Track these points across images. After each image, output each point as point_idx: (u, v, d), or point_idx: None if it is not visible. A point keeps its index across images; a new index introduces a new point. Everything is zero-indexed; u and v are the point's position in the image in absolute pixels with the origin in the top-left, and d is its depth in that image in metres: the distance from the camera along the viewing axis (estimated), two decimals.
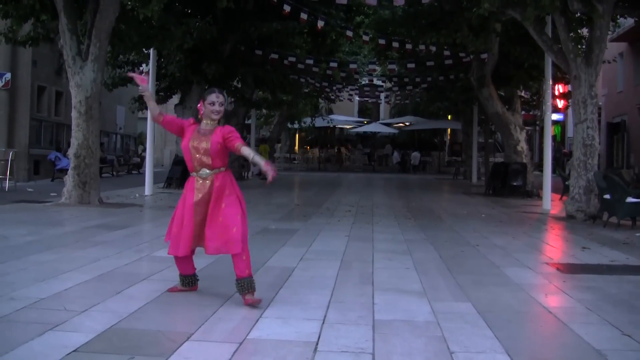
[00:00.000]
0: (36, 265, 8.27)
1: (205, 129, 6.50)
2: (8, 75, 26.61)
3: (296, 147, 58.71)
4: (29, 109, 27.65)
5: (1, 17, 16.99)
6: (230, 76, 27.15)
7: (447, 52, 24.76)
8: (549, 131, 19.32)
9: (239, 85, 29.68)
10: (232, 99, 30.50)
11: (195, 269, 6.92)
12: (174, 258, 6.78)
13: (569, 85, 24.34)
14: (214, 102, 6.46)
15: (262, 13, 23.34)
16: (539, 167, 28.93)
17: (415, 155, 48.86)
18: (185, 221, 6.46)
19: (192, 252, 6.66)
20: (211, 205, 6.41)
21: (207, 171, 6.45)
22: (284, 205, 18.64)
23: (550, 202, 18.44)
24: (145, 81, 6.93)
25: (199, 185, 6.47)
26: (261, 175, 34.52)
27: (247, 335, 5.45)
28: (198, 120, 6.62)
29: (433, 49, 23.93)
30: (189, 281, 6.89)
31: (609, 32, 18.39)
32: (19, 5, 16.38)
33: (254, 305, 6.32)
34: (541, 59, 19.85)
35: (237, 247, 6.29)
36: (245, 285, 6.36)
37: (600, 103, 29.73)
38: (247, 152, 6.34)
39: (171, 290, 6.92)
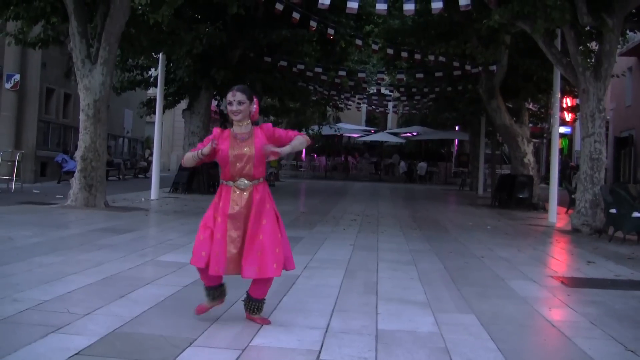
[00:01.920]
0: (40, 267, 8.28)
1: (242, 133, 5.87)
2: (17, 77, 26.69)
3: (303, 155, 58.71)
4: (37, 111, 27.74)
5: (12, 19, 17.03)
6: (239, 82, 27.00)
7: (456, 63, 24.78)
8: (557, 144, 19.30)
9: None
10: None
11: (222, 277, 6.02)
12: (198, 270, 5.94)
13: (577, 99, 24.33)
14: (231, 102, 5.86)
15: (272, 20, 23.37)
16: (546, 179, 28.87)
17: (422, 166, 48.92)
18: (219, 234, 5.75)
19: (226, 274, 5.82)
20: (251, 221, 5.77)
21: (247, 182, 5.81)
22: (289, 212, 18.60)
23: (556, 215, 18.42)
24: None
25: (235, 196, 5.80)
26: (267, 181, 34.61)
27: (250, 342, 5.43)
28: (224, 127, 6.09)
29: (442, 59, 23.94)
30: (216, 293, 6.04)
31: (618, 47, 18.38)
32: (29, 7, 16.43)
33: (264, 323, 6.01)
34: (550, 71, 19.85)
35: (278, 270, 5.79)
36: (258, 307, 6.03)
37: (608, 117, 29.78)
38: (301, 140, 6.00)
39: (199, 311, 6.06)
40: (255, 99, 6.04)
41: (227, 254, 5.73)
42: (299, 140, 5.95)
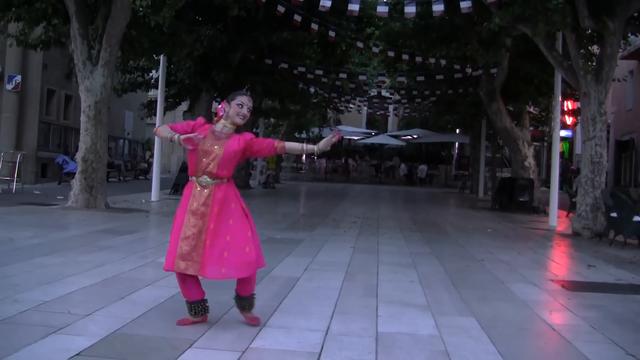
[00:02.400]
0: (41, 268, 8.28)
1: (222, 132, 5.85)
2: (18, 78, 26.71)
3: (303, 157, 58.65)
4: (38, 112, 27.76)
5: (13, 20, 17.05)
6: (239, 84, 27.19)
7: (456, 66, 24.78)
8: (557, 147, 19.28)
9: (248, 94, 29.72)
10: None
11: (203, 292, 6.02)
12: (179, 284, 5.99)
13: (578, 102, 24.31)
14: (243, 105, 5.85)
15: (272, 22, 23.39)
16: (546, 183, 28.87)
17: (423, 168, 48.91)
18: (176, 229, 5.86)
19: (175, 271, 5.80)
20: (212, 220, 5.71)
21: (208, 179, 5.76)
22: (289, 214, 18.63)
23: (557, 219, 18.39)
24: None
25: (196, 192, 5.80)
26: (266, 184, 34.63)
27: (250, 344, 5.44)
28: (210, 121, 6.00)
29: (443, 62, 23.93)
30: (200, 309, 5.97)
31: (620, 50, 18.37)
32: (31, 8, 16.45)
33: (255, 324, 6.02)
34: (551, 75, 19.85)
35: (251, 269, 5.76)
36: (249, 304, 6.03)
37: (609, 121, 29.69)
38: (295, 146, 6.08)
39: (181, 322, 5.96)
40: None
41: (177, 250, 5.72)
42: (294, 144, 6.13)
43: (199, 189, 5.79)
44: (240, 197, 5.94)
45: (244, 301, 6.01)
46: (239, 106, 5.84)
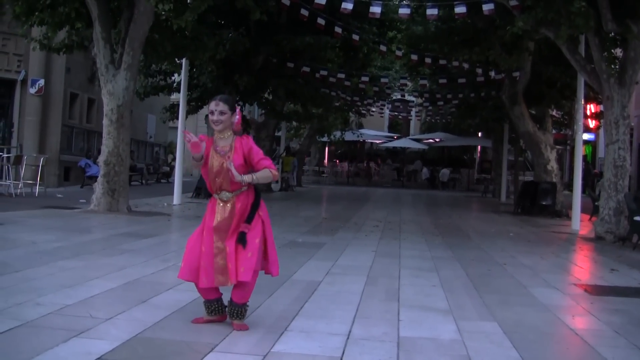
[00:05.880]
0: (63, 271, 8.32)
1: (222, 146, 5.89)
2: (42, 82, 26.84)
3: (325, 161, 58.66)
4: (61, 116, 27.84)
5: (37, 24, 17.16)
6: (262, 88, 27.24)
7: (479, 70, 24.69)
8: (580, 151, 19.19)
9: (270, 97, 29.76)
10: (263, 111, 30.69)
11: (221, 293, 6.12)
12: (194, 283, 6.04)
13: (601, 106, 24.17)
14: (213, 111, 5.82)
15: (294, 26, 23.38)
16: (569, 186, 28.68)
17: (445, 172, 48.70)
18: (205, 247, 5.85)
19: (216, 286, 5.94)
20: (232, 229, 5.84)
21: (228, 194, 5.87)
22: (311, 218, 18.62)
23: (580, 223, 18.29)
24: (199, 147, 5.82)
25: (219, 208, 5.88)
26: (282, 187, 34.62)
27: (271, 348, 5.43)
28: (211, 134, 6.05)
29: (465, 66, 23.86)
30: (215, 308, 6.08)
31: None
32: (54, 12, 16.53)
33: (241, 329, 5.92)
34: (574, 78, 19.76)
35: (247, 275, 5.71)
36: (239, 312, 5.95)
37: (632, 124, 29.52)
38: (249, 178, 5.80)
39: (196, 321, 6.12)
40: (237, 110, 5.98)
41: (214, 265, 5.80)
42: (264, 174, 5.87)
43: (221, 205, 5.91)
44: (261, 202, 6.01)
45: (234, 308, 5.95)
46: (211, 114, 5.88)
